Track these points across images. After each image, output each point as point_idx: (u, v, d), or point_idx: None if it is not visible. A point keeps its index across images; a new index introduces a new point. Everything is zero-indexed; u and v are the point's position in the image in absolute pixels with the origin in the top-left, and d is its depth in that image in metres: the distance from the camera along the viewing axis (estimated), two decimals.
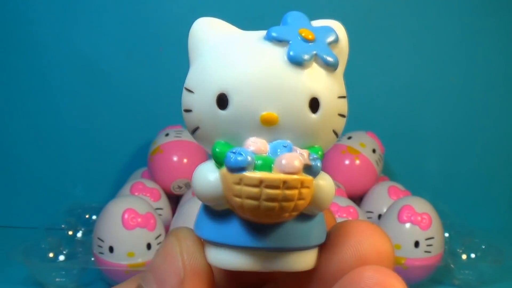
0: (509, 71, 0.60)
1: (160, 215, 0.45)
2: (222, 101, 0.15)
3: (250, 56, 0.15)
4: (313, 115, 0.15)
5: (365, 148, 0.51)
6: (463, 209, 0.57)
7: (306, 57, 0.15)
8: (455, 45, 0.59)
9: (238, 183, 0.14)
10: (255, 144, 0.15)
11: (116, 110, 0.58)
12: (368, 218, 0.47)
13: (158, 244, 0.41)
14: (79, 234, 0.50)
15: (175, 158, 0.49)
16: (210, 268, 0.16)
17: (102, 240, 0.41)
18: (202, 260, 0.16)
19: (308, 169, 0.15)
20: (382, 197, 0.49)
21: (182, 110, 0.16)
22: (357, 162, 0.51)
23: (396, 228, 0.42)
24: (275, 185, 0.14)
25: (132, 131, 0.58)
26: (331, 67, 0.15)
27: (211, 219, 0.16)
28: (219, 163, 0.15)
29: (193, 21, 0.18)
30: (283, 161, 0.14)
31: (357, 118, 0.58)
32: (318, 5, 0.58)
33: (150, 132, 0.54)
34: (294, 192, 0.14)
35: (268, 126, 0.15)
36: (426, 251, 0.42)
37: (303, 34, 0.15)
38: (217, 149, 0.15)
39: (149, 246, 0.41)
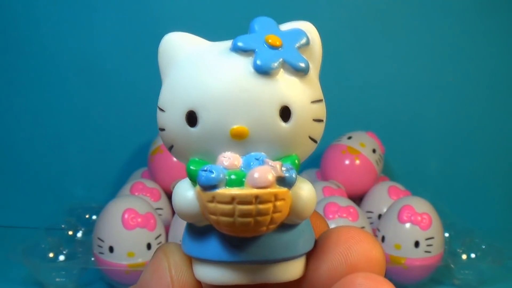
0: (509, 71, 0.60)
1: (160, 215, 0.45)
2: (192, 118, 0.15)
3: (215, 70, 0.15)
4: (285, 124, 0.15)
5: (365, 148, 0.51)
6: (463, 209, 0.57)
7: (273, 65, 0.14)
8: (455, 45, 0.59)
9: (212, 201, 0.14)
10: (228, 159, 0.15)
11: (116, 110, 0.58)
12: (368, 218, 0.47)
13: (158, 244, 0.41)
14: (79, 234, 0.50)
15: (175, 158, 0.49)
16: (199, 283, 0.16)
17: (102, 240, 0.41)
18: (190, 275, 0.16)
19: (282, 181, 0.14)
20: (382, 197, 0.49)
21: (158, 129, 0.16)
22: (357, 162, 0.51)
23: (396, 228, 0.42)
24: (248, 200, 0.14)
25: (132, 131, 0.58)
26: (301, 72, 0.15)
27: (194, 235, 0.16)
28: (194, 181, 0.15)
29: (193, 21, 0.18)
30: (255, 175, 0.14)
31: (357, 118, 0.58)
32: (318, 5, 0.58)
33: (150, 132, 0.53)
34: (268, 206, 0.14)
35: (239, 140, 0.15)
36: (426, 251, 0.42)
37: (269, 41, 0.15)
38: (191, 167, 0.15)
39: (149, 246, 0.41)
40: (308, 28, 0.16)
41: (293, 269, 0.16)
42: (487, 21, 0.59)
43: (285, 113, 0.15)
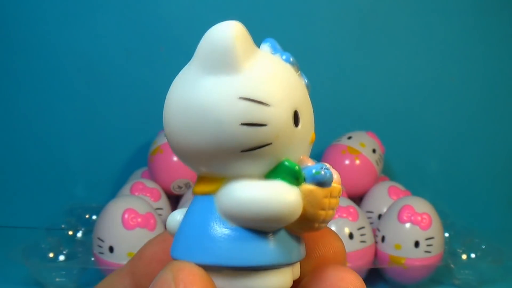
0: (509, 71, 0.60)
1: (160, 215, 0.45)
2: (296, 117, 0.15)
3: (295, 78, 0.16)
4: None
5: (365, 148, 0.51)
6: (463, 209, 0.57)
7: None
8: (455, 45, 0.59)
9: (327, 196, 0.15)
10: (306, 162, 0.15)
11: (116, 110, 0.58)
12: (368, 218, 0.47)
13: None
14: (79, 234, 0.50)
15: (175, 158, 0.49)
16: None
17: (102, 240, 0.41)
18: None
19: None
20: (382, 197, 0.49)
21: (246, 124, 0.14)
22: (357, 162, 0.51)
23: (396, 228, 0.42)
24: (336, 194, 0.16)
25: (132, 131, 0.58)
26: None
27: (188, 242, 0.15)
28: (297, 179, 0.15)
29: (193, 21, 0.17)
30: (335, 176, 0.15)
31: (357, 118, 0.59)
32: (318, 6, 0.58)
33: (150, 132, 0.54)
34: (338, 201, 0.16)
35: (310, 144, 0.16)
36: (426, 251, 0.42)
37: None
38: (296, 167, 0.15)
39: None
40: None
41: (286, 278, 0.15)
42: (487, 21, 0.59)
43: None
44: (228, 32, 0.14)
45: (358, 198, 0.51)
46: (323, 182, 0.15)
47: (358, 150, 0.51)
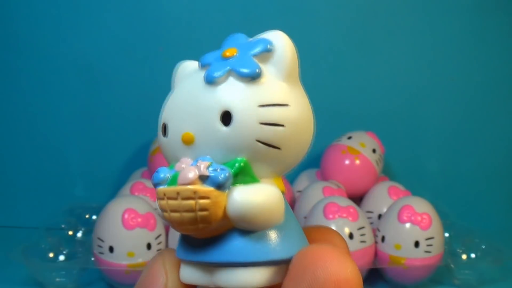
0: (509, 71, 0.60)
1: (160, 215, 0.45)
2: (164, 129, 0.17)
3: (183, 86, 0.17)
4: (225, 128, 0.15)
5: (365, 148, 0.51)
6: (463, 209, 0.57)
7: (216, 74, 0.16)
8: (455, 44, 0.59)
9: (160, 198, 0.16)
10: (180, 164, 0.16)
11: (116, 110, 0.58)
12: (368, 218, 0.47)
13: (158, 244, 0.41)
14: (79, 234, 0.50)
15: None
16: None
17: (102, 240, 0.41)
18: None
19: (208, 180, 0.15)
20: (382, 197, 0.49)
21: None
22: (357, 162, 0.51)
23: (396, 228, 0.42)
24: (172, 196, 0.15)
25: (132, 131, 0.58)
26: (246, 77, 0.15)
27: (180, 237, 0.17)
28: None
29: (193, 21, 0.18)
30: (180, 174, 0.15)
31: (357, 118, 0.59)
32: (318, 6, 0.58)
33: (150, 132, 0.53)
34: (190, 202, 0.15)
35: (188, 145, 0.16)
36: (426, 251, 0.42)
37: (224, 54, 0.16)
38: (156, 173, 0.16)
39: (149, 246, 0.41)
40: (275, 36, 0.16)
41: (254, 277, 0.15)
42: (487, 21, 0.59)
43: (227, 117, 0.15)
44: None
45: (358, 198, 0.51)
46: (152, 184, 0.16)
47: (358, 150, 0.51)
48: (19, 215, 0.58)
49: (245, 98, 0.15)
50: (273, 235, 0.16)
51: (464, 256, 0.47)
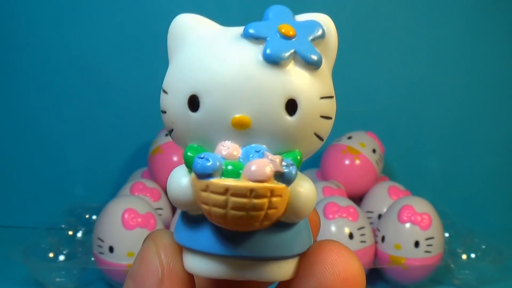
0: (509, 71, 0.60)
1: (160, 215, 0.45)
2: (194, 103, 0.14)
3: (223, 56, 0.14)
4: (290, 118, 0.14)
5: (365, 148, 0.51)
6: (463, 209, 0.57)
7: (283, 55, 0.14)
8: (456, 45, 0.59)
9: (205, 190, 0.14)
10: (226, 149, 0.14)
11: (116, 110, 0.58)
12: (368, 218, 0.47)
13: None
14: (79, 234, 0.50)
15: (175, 158, 0.49)
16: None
17: (102, 240, 0.41)
18: (179, 259, 0.16)
19: (281, 177, 0.14)
20: (382, 197, 0.49)
21: (160, 111, 0.16)
22: (357, 162, 0.51)
23: (396, 228, 0.42)
24: (242, 193, 0.13)
25: (132, 131, 0.58)
26: (312, 65, 0.14)
27: (187, 224, 0.15)
28: (190, 168, 0.14)
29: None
30: (252, 168, 0.13)
31: (357, 118, 0.58)
32: (318, 5, 0.57)
33: (150, 132, 0.53)
34: (263, 201, 0.13)
35: (240, 129, 0.14)
36: (426, 251, 0.42)
37: (282, 30, 0.14)
38: (188, 153, 0.14)
39: None
40: (324, 20, 0.15)
41: (284, 270, 0.15)
42: (488, 21, 0.59)
43: (291, 106, 0.14)
44: None
45: (358, 198, 0.51)
46: (197, 173, 0.14)
47: (358, 150, 0.51)
48: (19, 215, 0.58)
49: (310, 87, 0.14)
50: (303, 227, 0.16)
51: (464, 256, 0.47)
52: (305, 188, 0.14)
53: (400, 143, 0.59)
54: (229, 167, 0.14)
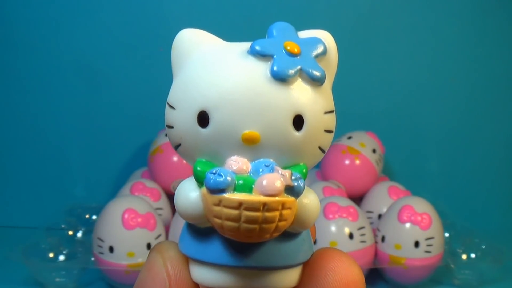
0: (509, 71, 0.60)
1: (160, 215, 0.45)
2: (203, 119, 0.15)
3: (232, 72, 0.14)
4: (297, 133, 0.15)
5: (365, 148, 0.51)
6: (463, 209, 0.57)
7: (290, 72, 0.14)
8: (455, 45, 0.59)
9: (218, 205, 0.14)
10: (236, 164, 0.14)
11: (116, 110, 0.58)
12: (368, 218, 0.47)
13: None
14: (79, 234, 0.50)
15: (175, 158, 0.49)
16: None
17: (102, 240, 0.41)
18: (186, 270, 0.16)
19: (290, 190, 0.14)
20: (382, 197, 0.49)
21: (165, 126, 0.16)
22: (357, 162, 0.51)
23: (396, 228, 0.42)
24: (255, 207, 0.14)
25: (132, 131, 0.58)
26: (317, 82, 0.15)
27: (194, 236, 0.16)
28: (200, 183, 0.15)
29: (193, 21, 0.17)
30: (264, 182, 0.14)
31: (357, 118, 0.58)
32: (318, 6, 0.58)
33: (150, 132, 0.53)
34: (275, 214, 0.14)
35: (250, 144, 0.14)
36: (426, 251, 0.42)
37: (288, 48, 0.15)
38: (198, 168, 0.15)
39: (149, 246, 0.41)
40: (325, 37, 0.16)
41: (289, 278, 0.16)
42: (487, 21, 0.59)
43: (298, 121, 0.15)
44: None
45: (358, 198, 0.51)
46: (209, 189, 0.14)
47: (358, 150, 0.51)
48: (19, 215, 0.57)
49: (315, 103, 0.15)
50: (306, 237, 0.16)
51: (464, 256, 0.47)
52: (310, 199, 0.15)
53: (400, 143, 0.59)
54: (240, 182, 0.14)
